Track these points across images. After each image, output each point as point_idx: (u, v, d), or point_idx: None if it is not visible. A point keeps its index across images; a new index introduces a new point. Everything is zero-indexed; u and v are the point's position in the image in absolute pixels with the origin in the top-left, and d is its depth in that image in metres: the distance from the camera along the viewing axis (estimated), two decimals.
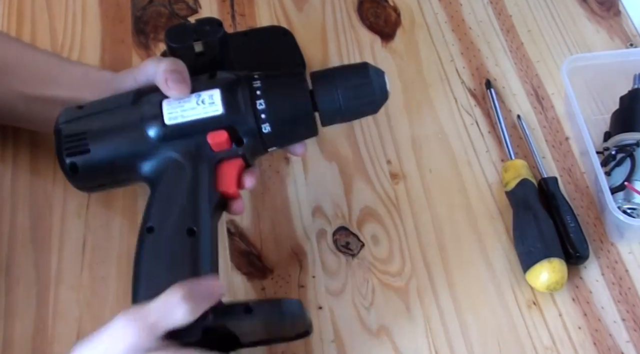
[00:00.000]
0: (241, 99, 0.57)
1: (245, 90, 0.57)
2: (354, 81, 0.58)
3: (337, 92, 0.57)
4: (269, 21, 0.86)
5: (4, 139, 0.74)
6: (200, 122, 0.57)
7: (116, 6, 0.87)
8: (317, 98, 0.58)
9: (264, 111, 0.57)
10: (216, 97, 0.57)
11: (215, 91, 0.57)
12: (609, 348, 0.64)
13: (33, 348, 0.62)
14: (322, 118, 0.59)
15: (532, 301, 0.67)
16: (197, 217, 0.55)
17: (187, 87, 0.58)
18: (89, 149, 0.57)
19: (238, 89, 0.57)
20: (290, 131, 0.58)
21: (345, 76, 0.58)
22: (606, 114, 0.78)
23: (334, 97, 0.57)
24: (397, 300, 0.67)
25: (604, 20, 0.88)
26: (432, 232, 0.71)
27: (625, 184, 0.69)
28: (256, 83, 0.58)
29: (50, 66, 0.68)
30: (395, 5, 0.89)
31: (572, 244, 0.67)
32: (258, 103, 0.57)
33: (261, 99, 0.57)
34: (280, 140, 0.60)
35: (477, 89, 0.81)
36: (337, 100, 0.57)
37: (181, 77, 0.58)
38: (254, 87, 0.57)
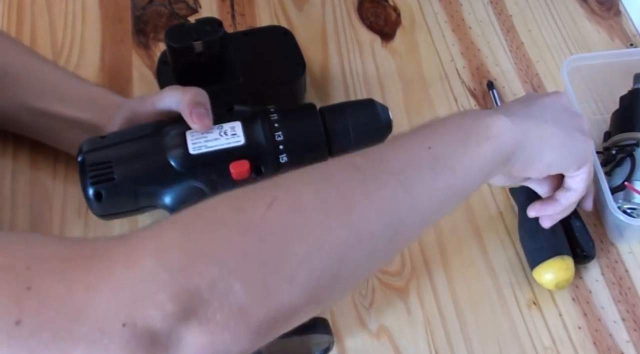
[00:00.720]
0: (261, 130, 0.60)
1: (265, 122, 0.60)
2: (363, 116, 0.63)
3: (348, 125, 0.62)
4: (269, 21, 0.86)
5: (4, 138, 0.74)
6: (223, 152, 0.59)
7: (116, 6, 0.87)
8: (330, 131, 0.62)
9: (282, 142, 0.60)
10: (238, 129, 0.60)
11: (236, 123, 0.60)
12: (609, 348, 0.64)
13: None
14: (333, 149, 0.62)
15: (532, 301, 0.67)
16: None
17: (210, 120, 0.60)
18: (113, 177, 0.58)
19: (257, 121, 0.60)
20: (304, 162, 0.59)
21: (354, 111, 0.63)
22: (606, 114, 0.78)
23: (346, 130, 0.62)
24: (397, 300, 0.67)
25: (604, 20, 0.88)
26: (432, 232, 0.71)
27: (625, 184, 0.69)
28: (273, 116, 0.61)
29: (57, 81, 0.68)
30: (395, 5, 0.89)
31: (579, 243, 0.67)
32: (277, 135, 0.60)
33: (279, 131, 0.60)
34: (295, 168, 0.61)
35: (477, 89, 0.81)
36: (348, 133, 0.62)
37: (205, 110, 0.60)
38: (271, 119, 0.60)
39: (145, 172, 0.59)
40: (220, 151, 0.59)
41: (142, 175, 0.59)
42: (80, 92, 0.67)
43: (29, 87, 0.67)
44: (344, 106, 0.64)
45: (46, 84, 0.67)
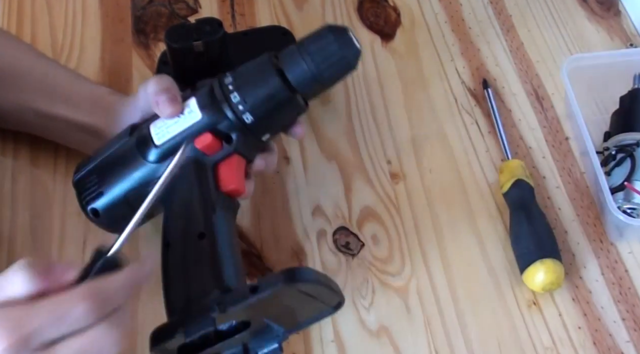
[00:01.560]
0: (216, 98, 0.57)
1: (218, 88, 0.58)
2: (317, 46, 0.56)
3: (304, 62, 0.56)
4: (269, 21, 0.86)
5: (4, 138, 0.74)
6: (185, 132, 0.57)
7: (116, 6, 0.87)
8: (287, 74, 0.57)
9: (240, 103, 0.57)
10: (193, 105, 0.58)
11: (191, 99, 0.58)
12: (609, 348, 0.64)
13: None
14: (301, 91, 0.58)
15: (532, 301, 0.67)
16: (205, 221, 0.56)
17: (179, 104, 0.58)
18: (102, 191, 0.59)
19: (213, 90, 0.58)
20: (274, 114, 0.58)
21: (307, 44, 0.57)
22: (606, 114, 0.78)
23: (303, 68, 0.56)
24: (397, 300, 0.67)
25: (604, 20, 0.88)
26: (432, 232, 0.71)
27: (625, 184, 0.69)
28: (227, 79, 0.58)
29: (61, 82, 0.68)
30: (395, 5, 0.89)
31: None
32: (232, 97, 0.57)
33: (234, 92, 0.57)
34: (268, 125, 0.59)
35: (477, 89, 0.81)
36: (307, 70, 0.56)
37: (170, 95, 0.58)
38: (225, 83, 0.58)
39: (126, 177, 0.59)
40: (182, 133, 0.57)
41: (124, 181, 0.59)
42: (82, 94, 0.67)
43: (34, 88, 0.67)
44: (298, 42, 0.58)
45: (52, 85, 0.67)
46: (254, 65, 0.58)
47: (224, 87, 0.57)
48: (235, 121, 0.57)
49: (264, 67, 0.57)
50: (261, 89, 0.57)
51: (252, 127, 0.58)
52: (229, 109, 0.57)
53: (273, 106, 0.57)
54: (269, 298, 0.49)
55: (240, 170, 0.59)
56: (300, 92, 0.58)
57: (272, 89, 0.57)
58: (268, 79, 0.57)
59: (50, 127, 0.67)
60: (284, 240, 0.70)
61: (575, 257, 0.70)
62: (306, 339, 0.64)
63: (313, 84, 0.57)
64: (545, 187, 0.74)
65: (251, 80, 0.57)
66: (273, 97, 0.57)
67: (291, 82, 0.57)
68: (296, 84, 0.57)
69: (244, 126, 0.57)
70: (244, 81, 0.57)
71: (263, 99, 0.57)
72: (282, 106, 0.57)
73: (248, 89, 0.57)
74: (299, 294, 0.52)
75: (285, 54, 0.58)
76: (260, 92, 0.57)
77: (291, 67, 0.57)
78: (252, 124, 0.57)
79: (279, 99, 0.57)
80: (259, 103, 0.57)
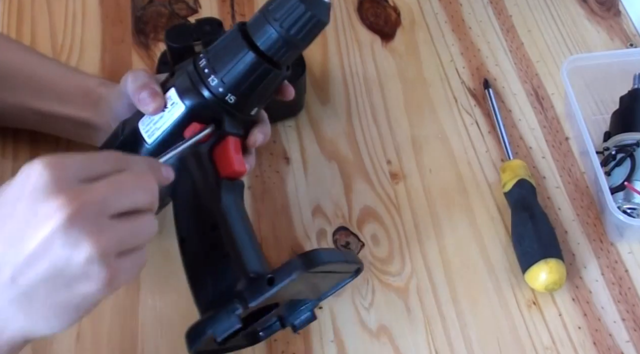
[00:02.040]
0: (196, 84, 0.56)
1: (195, 74, 0.56)
2: (284, 10, 0.53)
3: (274, 29, 0.54)
4: None
5: (4, 138, 0.74)
6: (174, 127, 0.57)
7: (116, 6, 0.87)
8: (260, 45, 0.55)
9: (219, 85, 0.55)
10: (174, 97, 0.57)
11: (171, 91, 0.57)
12: (609, 348, 0.64)
13: (33, 348, 0.62)
14: (278, 58, 0.55)
15: (532, 301, 0.67)
16: (213, 212, 0.56)
17: (161, 98, 0.57)
18: None
19: (188, 77, 0.56)
20: (255, 88, 0.56)
21: (273, 10, 0.54)
22: (606, 114, 0.78)
23: (274, 37, 0.54)
24: (397, 300, 0.67)
25: (604, 20, 0.88)
26: (432, 232, 0.71)
27: (625, 184, 0.69)
28: (202, 61, 0.56)
29: (51, 78, 0.67)
30: (395, 5, 0.89)
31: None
32: (210, 81, 0.56)
33: (211, 76, 0.56)
34: (252, 100, 0.58)
35: (477, 89, 0.81)
36: (279, 37, 0.54)
37: (150, 91, 0.57)
38: (201, 67, 0.56)
39: None
40: (171, 128, 0.57)
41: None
42: (74, 89, 0.67)
43: (25, 86, 0.66)
44: (264, 11, 0.55)
45: (42, 82, 0.67)
46: (226, 41, 0.56)
47: (200, 71, 0.56)
48: (220, 103, 0.56)
49: (235, 42, 0.55)
50: (237, 66, 0.55)
51: (237, 106, 0.57)
52: (210, 93, 0.56)
53: (253, 80, 0.56)
54: (287, 285, 0.50)
55: (237, 150, 0.59)
56: (277, 60, 0.55)
57: (248, 64, 0.55)
58: (241, 54, 0.55)
59: (46, 123, 0.67)
60: (284, 240, 0.70)
61: (575, 257, 0.70)
62: (306, 339, 0.64)
63: (289, 49, 0.55)
64: (545, 187, 0.74)
65: (226, 59, 0.55)
66: (251, 72, 0.55)
67: (265, 53, 0.55)
68: (271, 54, 0.55)
69: (229, 106, 0.56)
70: (218, 61, 0.56)
71: (241, 75, 0.55)
72: (262, 78, 0.56)
73: (224, 68, 0.55)
74: (316, 275, 0.53)
75: (253, 24, 0.55)
76: (236, 70, 0.55)
77: (262, 37, 0.54)
78: (236, 103, 0.56)
79: (257, 73, 0.55)
80: (237, 81, 0.55)
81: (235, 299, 0.51)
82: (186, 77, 0.57)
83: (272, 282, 0.51)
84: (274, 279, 0.50)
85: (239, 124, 0.59)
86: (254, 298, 0.51)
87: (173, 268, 0.67)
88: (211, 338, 0.52)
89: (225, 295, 0.53)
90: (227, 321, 0.51)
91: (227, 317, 0.51)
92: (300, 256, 0.52)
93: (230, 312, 0.51)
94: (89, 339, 0.63)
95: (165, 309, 0.65)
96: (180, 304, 0.65)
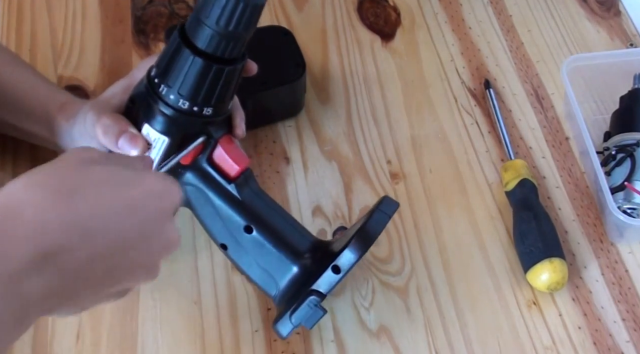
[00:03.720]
0: (167, 114, 0.55)
1: (158, 100, 0.55)
2: (209, 5, 0.51)
3: (208, 28, 0.51)
4: (269, 21, 0.86)
5: (4, 139, 0.74)
6: (165, 158, 0.56)
7: (116, 6, 0.87)
8: (203, 48, 0.52)
9: (182, 99, 0.54)
10: (151, 132, 0.56)
11: (145, 126, 0.56)
12: (609, 348, 0.64)
13: (33, 348, 0.62)
14: (226, 54, 0.53)
15: (532, 301, 0.67)
16: (240, 215, 0.58)
17: (141, 139, 0.55)
18: None
19: (154, 105, 0.55)
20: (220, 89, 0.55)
21: (205, 8, 0.51)
22: (606, 114, 0.78)
23: (210, 35, 0.52)
24: (397, 300, 0.67)
25: (604, 20, 0.88)
26: (432, 232, 0.71)
27: (625, 184, 0.69)
28: (162, 90, 0.54)
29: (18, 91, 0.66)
30: (395, 5, 0.89)
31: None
32: (182, 103, 0.54)
33: (170, 95, 0.54)
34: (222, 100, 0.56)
35: (477, 89, 0.81)
36: (216, 34, 0.52)
37: (128, 135, 0.56)
38: (161, 93, 0.54)
39: None
40: (163, 160, 0.56)
41: None
42: (36, 104, 0.65)
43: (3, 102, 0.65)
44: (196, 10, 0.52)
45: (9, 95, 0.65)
46: (170, 52, 0.54)
47: (158, 95, 0.55)
48: (198, 119, 0.55)
49: (179, 51, 0.53)
50: (190, 78, 0.53)
51: (214, 113, 0.56)
52: (183, 115, 0.55)
53: (215, 85, 0.54)
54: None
55: (233, 148, 0.59)
56: (228, 57, 0.53)
57: (199, 70, 0.53)
58: (189, 64, 0.53)
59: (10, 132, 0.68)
60: None
61: (576, 257, 0.70)
62: (306, 339, 0.64)
63: (235, 42, 0.53)
64: (545, 187, 0.74)
65: (178, 77, 0.54)
66: (203, 77, 0.53)
67: (212, 54, 0.53)
68: (219, 53, 0.53)
69: (204, 117, 0.55)
70: (173, 82, 0.54)
71: (198, 84, 0.54)
72: (218, 78, 0.54)
73: (183, 88, 0.54)
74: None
75: (190, 26, 0.53)
76: (192, 82, 0.53)
77: (202, 39, 0.52)
78: (212, 112, 0.56)
79: (211, 76, 0.54)
80: (202, 93, 0.54)
81: (311, 291, 0.56)
82: (151, 105, 0.55)
83: (337, 270, 0.55)
84: (339, 267, 0.55)
85: (222, 124, 0.59)
86: (326, 287, 0.56)
87: (173, 268, 0.67)
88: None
89: (296, 284, 0.58)
90: (314, 313, 0.56)
91: (311, 310, 0.56)
92: (357, 237, 0.56)
93: (311, 305, 0.55)
94: (89, 339, 0.63)
95: (165, 309, 0.65)
96: (180, 304, 0.65)
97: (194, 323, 0.64)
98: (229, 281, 0.67)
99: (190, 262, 0.68)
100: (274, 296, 0.59)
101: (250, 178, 0.60)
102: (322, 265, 0.56)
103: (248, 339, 0.64)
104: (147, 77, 0.56)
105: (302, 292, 0.56)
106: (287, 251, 0.58)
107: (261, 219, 0.59)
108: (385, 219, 0.57)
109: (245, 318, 0.65)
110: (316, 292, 0.56)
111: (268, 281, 0.59)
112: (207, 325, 0.64)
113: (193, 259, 0.68)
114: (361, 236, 0.56)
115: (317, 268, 0.56)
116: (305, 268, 0.58)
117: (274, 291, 0.59)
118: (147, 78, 0.56)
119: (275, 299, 0.59)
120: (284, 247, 0.58)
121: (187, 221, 0.69)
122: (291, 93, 0.76)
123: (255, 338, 0.64)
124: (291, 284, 0.58)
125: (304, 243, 0.59)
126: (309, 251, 0.59)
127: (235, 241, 0.59)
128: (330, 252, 0.57)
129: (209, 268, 0.67)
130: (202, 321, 0.65)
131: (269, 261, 0.58)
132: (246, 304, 0.66)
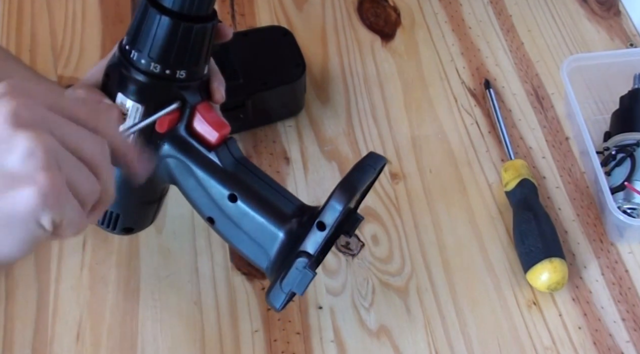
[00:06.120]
0: (137, 78, 0.54)
1: (132, 70, 0.54)
2: None
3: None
4: (269, 21, 0.86)
5: None
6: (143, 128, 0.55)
7: (116, 6, 0.87)
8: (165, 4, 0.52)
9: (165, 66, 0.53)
10: (125, 101, 0.55)
11: (119, 96, 0.55)
12: (609, 348, 0.64)
13: (33, 348, 0.62)
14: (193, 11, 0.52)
15: (532, 301, 0.67)
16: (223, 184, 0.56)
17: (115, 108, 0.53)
18: (118, 213, 0.59)
19: (124, 73, 0.54)
20: (184, 48, 0.53)
21: None
22: (606, 114, 0.78)
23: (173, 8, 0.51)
24: (397, 300, 0.67)
25: (604, 20, 0.88)
26: (432, 232, 0.71)
27: (625, 184, 0.69)
28: (133, 56, 0.54)
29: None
30: (395, 5, 0.89)
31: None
32: (153, 67, 0.53)
33: (142, 59, 0.53)
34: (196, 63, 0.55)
35: (477, 89, 0.81)
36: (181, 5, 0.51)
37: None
38: (134, 61, 0.54)
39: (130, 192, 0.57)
40: (134, 124, 0.54)
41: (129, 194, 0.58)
42: None
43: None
44: None
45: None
46: (140, 20, 0.53)
47: (133, 63, 0.54)
48: (167, 82, 0.54)
49: (146, 14, 0.53)
50: (161, 40, 0.52)
51: (187, 77, 0.55)
52: (158, 80, 0.54)
53: (185, 45, 0.53)
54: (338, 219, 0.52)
55: (212, 115, 0.57)
56: (195, 14, 0.52)
57: (166, 30, 0.52)
58: (159, 25, 0.52)
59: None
60: None
61: (576, 257, 0.70)
62: (306, 339, 0.64)
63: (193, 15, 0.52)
64: (545, 187, 0.74)
65: (148, 38, 0.53)
66: (172, 36, 0.53)
67: (178, 12, 0.52)
68: (186, 10, 0.52)
69: (180, 81, 0.54)
70: (143, 43, 0.53)
71: (172, 47, 0.53)
72: (187, 38, 0.53)
73: (151, 47, 0.53)
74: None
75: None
76: (163, 44, 0.53)
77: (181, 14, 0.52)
78: (185, 75, 0.54)
79: (180, 35, 0.53)
80: (172, 55, 0.53)
81: (298, 253, 0.52)
82: (124, 75, 0.54)
83: (322, 227, 0.52)
84: (324, 224, 0.52)
85: (199, 89, 0.57)
86: (313, 247, 0.52)
87: (173, 268, 0.67)
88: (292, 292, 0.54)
89: (284, 251, 0.55)
90: (303, 277, 0.52)
91: (300, 273, 0.52)
92: (339, 189, 0.52)
93: (299, 268, 0.52)
94: (89, 339, 0.63)
95: (166, 309, 0.65)
96: (180, 304, 0.65)
97: (194, 323, 0.64)
98: (229, 281, 0.67)
99: (190, 263, 0.68)
100: (266, 268, 0.56)
101: (232, 146, 0.58)
102: (308, 227, 0.53)
103: (248, 340, 0.64)
104: (118, 46, 0.55)
105: (290, 257, 0.53)
106: (272, 216, 0.55)
107: (245, 186, 0.56)
108: (370, 170, 0.55)
109: (245, 318, 0.65)
110: (304, 253, 0.52)
111: (259, 252, 0.56)
112: (207, 325, 0.64)
113: (193, 260, 0.68)
114: (344, 186, 0.53)
115: (304, 231, 0.53)
116: (292, 233, 0.55)
117: (266, 262, 0.56)
118: (118, 47, 0.55)
119: (267, 270, 0.56)
120: (269, 213, 0.55)
121: (187, 221, 0.69)
122: (291, 93, 0.76)
123: (255, 338, 0.64)
124: (280, 252, 0.55)
125: (289, 207, 0.56)
126: (295, 216, 0.56)
127: (222, 212, 0.56)
128: (317, 213, 0.54)
129: (209, 268, 0.67)
130: (202, 321, 0.65)
131: (255, 229, 0.55)
132: (246, 304, 0.66)
